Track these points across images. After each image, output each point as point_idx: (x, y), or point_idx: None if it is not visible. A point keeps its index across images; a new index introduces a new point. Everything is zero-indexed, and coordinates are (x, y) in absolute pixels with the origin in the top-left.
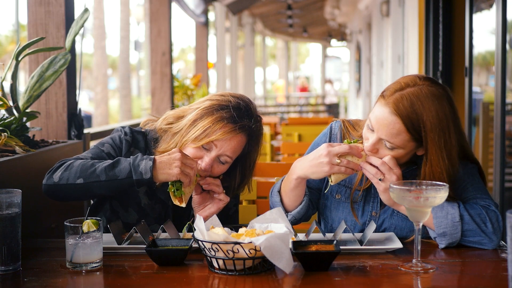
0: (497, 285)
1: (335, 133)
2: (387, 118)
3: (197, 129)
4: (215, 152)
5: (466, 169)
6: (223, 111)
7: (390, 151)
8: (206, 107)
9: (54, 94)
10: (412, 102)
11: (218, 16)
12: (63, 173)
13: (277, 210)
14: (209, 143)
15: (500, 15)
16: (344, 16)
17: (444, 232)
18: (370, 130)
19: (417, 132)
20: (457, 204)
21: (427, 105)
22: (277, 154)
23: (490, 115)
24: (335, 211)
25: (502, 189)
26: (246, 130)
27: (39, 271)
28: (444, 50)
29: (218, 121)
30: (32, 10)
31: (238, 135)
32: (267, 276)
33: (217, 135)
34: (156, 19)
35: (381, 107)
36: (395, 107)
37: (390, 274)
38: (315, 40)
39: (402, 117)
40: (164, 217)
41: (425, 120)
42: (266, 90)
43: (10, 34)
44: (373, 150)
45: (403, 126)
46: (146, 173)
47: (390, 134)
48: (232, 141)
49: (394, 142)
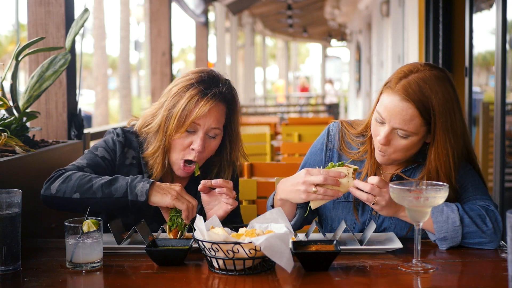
0: (497, 285)
1: (333, 133)
2: (398, 105)
3: (174, 118)
4: (202, 130)
5: (466, 169)
6: (191, 89)
7: (404, 140)
8: (174, 93)
9: (54, 94)
10: (420, 86)
11: (218, 16)
12: (60, 185)
13: (277, 210)
14: (192, 125)
15: (500, 15)
16: (344, 16)
17: (445, 237)
18: (380, 123)
19: (429, 115)
20: (456, 208)
21: (434, 88)
22: (277, 154)
23: (490, 115)
24: (334, 211)
25: (502, 189)
26: (218, 96)
27: (39, 271)
28: (444, 50)
29: (190, 101)
30: (32, 10)
31: (214, 104)
32: (267, 276)
33: (195, 113)
34: (156, 19)
35: (390, 96)
36: (405, 93)
37: (390, 274)
38: (315, 40)
39: (414, 102)
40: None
41: (434, 102)
42: (266, 90)
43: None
44: (386, 143)
45: (416, 110)
46: (142, 196)
47: (403, 121)
48: (212, 112)
49: (408, 129)
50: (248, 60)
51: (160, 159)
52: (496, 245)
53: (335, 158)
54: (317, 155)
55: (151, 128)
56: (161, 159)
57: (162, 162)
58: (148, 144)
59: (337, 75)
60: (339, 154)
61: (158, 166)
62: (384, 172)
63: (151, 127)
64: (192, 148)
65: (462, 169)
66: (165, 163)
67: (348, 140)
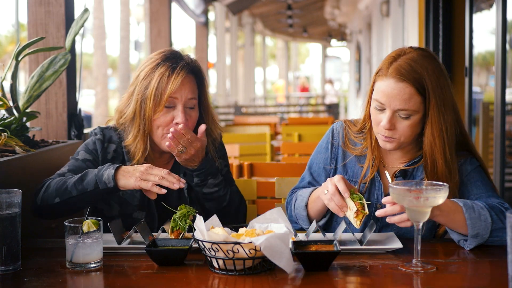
0: (497, 285)
1: (337, 132)
2: (395, 88)
3: (150, 99)
4: (180, 103)
5: (473, 166)
6: (159, 68)
7: (407, 121)
8: (143, 77)
9: (54, 94)
10: (411, 66)
11: (218, 16)
12: (43, 195)
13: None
14: (170, 100)
15: (500, 15)
16: (344, 16)
17: (478, 234)
18: (379, 111)
19: (424, 91)
20: (483, 205)
21: (424, 65)
22: (277, 154)
23: (490, 115)
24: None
25: (502, 189)
26: (186, 68)
27: (39, 271)
28: (444, 50)
29: (162, 78)
30: (32, 10)
31: (185, 76)
32: (267, 276)
33: (169, 88)
34: (156, 19)
35: (385, 81)
36: (399, 74)
37: (390, 274)
38: (315, 40)
39: (409, 80)
40: (145, 203)
41: (426, 79)
42: (266, 90)
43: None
44: (391, 127)
45: (413, 88)
46: (109, 182)
47: (403, 101)
48: (185, 84)
49: (409, 107)
50: (248, 60)
51: (141, 144)
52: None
53: (340, 155)
54: (322, 154)
55: (127, 116)
56: (142, 143)
57: (144, 146)
58: (127, 133)
59: (337, 75)
60: (343, 151)
61: (139, 151)
62: (389, 167)
63: (127, 116)
64: (176, 122)
65: (470, 165)
66: (146, 147)
67: (351, 137)
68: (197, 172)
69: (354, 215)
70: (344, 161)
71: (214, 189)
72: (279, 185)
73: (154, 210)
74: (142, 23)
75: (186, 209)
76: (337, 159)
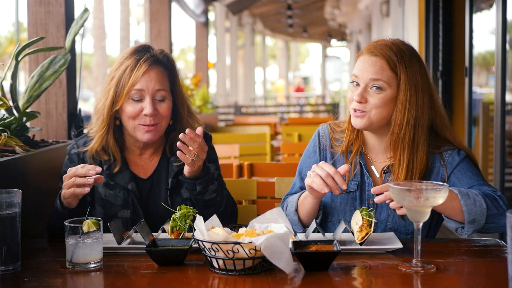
0: (497, 285)
1: (323, 134)
2: (368, 61)
3: (114, 91)
4: (147, 94)
5: (461, 156)
6: (125, 61)
7: (378, 94)
8: (111, 72)
9: (54, 94)
10: (386, 45)
11: (218, 16)
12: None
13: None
14: (136, 92)
15: (500, 15)
16: (344, 16)
17: (474, 219)
18: (355, 86)
19: (396, 68)
20: (477, 192)
21: (398, 48)
22: (277, 154)
23: (490, 115)
24: (333, 204)
25: (502, 189)
26: (151, 59)
27: (39, 271)
28: (444, 50)
29: (126, 70)
30: (32, 10)
31: (150, 67)
32: (267, 276)
33: (132, 79)
34: (156, 19)
35: (361, 58)
36: (373, 50)
37: (390, 274)
38: (315, 40)
39: (381, 55)
40: (129, 201)
41: (399, 58)
42: (266, 90)
43: (10, 34)
44: (361, 99)
45: (384, 62)
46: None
47: (374, 72)
48: (150, 75)
49: (381, 78)
50: (248, 60)
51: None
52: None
53: (328, 157)
54: (311, 157)
55: (99, 110)
56: (105, 135)
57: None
58: (94, 124)
59: (337, 75)
60: (331, 153)
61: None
62: (376, 163)
63: (99, 109)
64: (145, 113)
65: (458, 156)
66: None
67: (337, 137)
68: (200, 180)
69: (358, 229)
70: (332, 161)
71: (213, 195)
72: (279, 185)
73: (138, 207)
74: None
75: (186, 209)
76: (326, 161)
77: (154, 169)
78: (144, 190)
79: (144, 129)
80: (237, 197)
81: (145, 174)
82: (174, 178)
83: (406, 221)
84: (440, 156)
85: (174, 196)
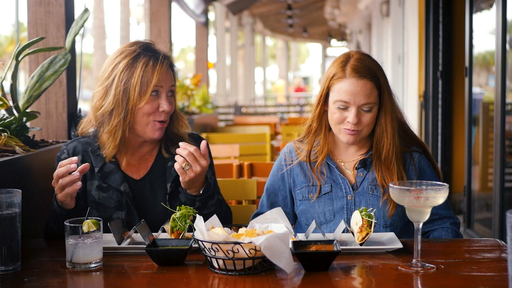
0: (497, 285)
1: (288, 151)
2: (358, 85)
3: (134, 88)
4: (164, 90)
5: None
6: (141, 58)
7: (369, 114)
8: (123, 68)
9: (54, 94)
10: (364, 63)
11: (218, 16)
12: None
13: (277, 210)
14: (156, 88)
15: (500, 15)
16: (344, 16)
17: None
18: (343, 110)
19: (380, 84)
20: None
21: (371, 62)
22: (277, 154)
23: (490, 115)
24: (312, 209)
25: (502, 189)
26: (166, 59)
27: (39, 271)
28: (444, 50)
29: (146, 68)
30: (32, 10)
31: (167, 67)
32: (267, 276)
33: (155, 76)
34: (156, 19)
35: (346, 82)
36: (358, 73)
37: (390, 274)
38: (315, 40)
39: (367, 76)
40: (123, 203)
41: (377, 73)
42: (266, 90)
43: (10, 34)
44: (358, 121)
45: (371, 83)
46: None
47: (366, 96)
48: (167, 74)
49: (371, 101)
50: (248, 60)
51: (119, 133)
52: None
53: (298, 171)
54: (275, 176)
55: (105, 108)
56: (120, 132)
57: (122, 135)
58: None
59: None
60: (300, 166)
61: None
62: (347, 162)
63: (105, 108)
64: (162, 110)
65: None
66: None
67: (303, 148)
68: (199, 197)
69: (358, 230)
70: (302, 172)
71: (212, 209)
72: None
73: (133, 208)
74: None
75: (185, 210)
76: (292, 174)
77: (148, 169)
78: (137, 191)
79: (158, 126)
80: (237, 197)
81: (138, 175)
82: (173, 183)
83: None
84: (410, 155)
85: (173, 201)
